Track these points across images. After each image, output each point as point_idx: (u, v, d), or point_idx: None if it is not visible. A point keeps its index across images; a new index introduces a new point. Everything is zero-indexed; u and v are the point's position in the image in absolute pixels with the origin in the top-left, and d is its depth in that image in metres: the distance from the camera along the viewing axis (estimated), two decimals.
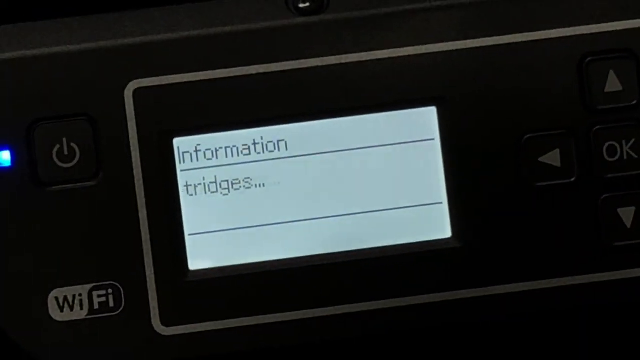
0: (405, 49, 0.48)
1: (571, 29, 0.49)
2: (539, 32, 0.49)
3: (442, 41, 0.48)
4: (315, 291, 0.50)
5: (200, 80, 0.48)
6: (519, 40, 0.49)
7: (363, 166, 0.49)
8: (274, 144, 0.48)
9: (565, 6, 0.50)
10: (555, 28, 0.49)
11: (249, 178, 0.49)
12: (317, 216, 0.49)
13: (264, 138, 0.49)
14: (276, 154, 0.48)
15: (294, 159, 0.49)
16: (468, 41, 0.48)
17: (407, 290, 0.49)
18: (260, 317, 0.49)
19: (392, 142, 0.49)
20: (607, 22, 0.49)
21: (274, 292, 0.49)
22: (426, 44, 0.48)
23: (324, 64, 0.48)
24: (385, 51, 0.48)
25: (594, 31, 0.49)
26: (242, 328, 0.49)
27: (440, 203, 0.48)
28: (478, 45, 0.49)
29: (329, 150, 0.49)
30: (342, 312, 0.49)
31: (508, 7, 0.50)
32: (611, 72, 0.48)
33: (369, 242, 0.49)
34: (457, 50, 0.49)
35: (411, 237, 0.49)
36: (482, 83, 0.49)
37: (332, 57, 0.48)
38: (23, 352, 0.49)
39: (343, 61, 0.49)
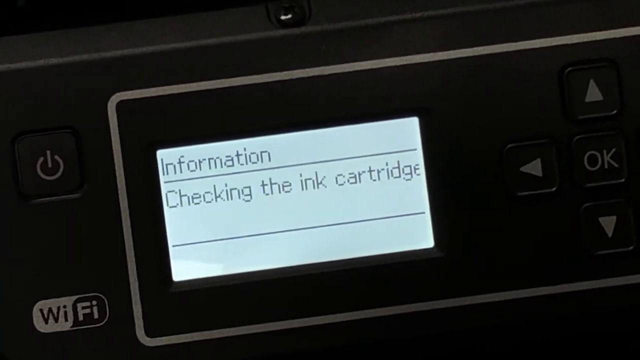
0: (386, 60, 0.48)
1: (551, 39, 0.49)
2: (520, 43, 0.49)
3: (423, 52, 0.49)
4: (300, 301, 0.50)
5: (184, 93, 0.48)
6: (500, 50, 0.49)
7: (346, 177, 0.49)
8: (257, 155, 0.49)
9: (545, 16, 0.50)
10: (535, 38, 0.49)
11: (232, 189, 0.49)
12: (301, 227, 0.49)
13: (247, 149, 0.49)
14: (259, 165, 0.49)
15: (277, 170, 0.49)
16: (449, 52, 0.49)
17: (390, 300, 0.49)
18: (245, 327, 0.49)
19: (374, 153, 0.49)
20: (586, 32, 0.50)
21: (258, 303, 0.50)
22: (407, 55, 0.48)
23: (307, 75, 0.48)
24: (367, 62, 0.48)
25: (574, 41, 0.50)
26: (227, 339, 0.49)
27: (423, 213, 0.49)
28: (459, 56, 0.49)
29: (312, 161, 0.49)
30: (326, 322, 0.49)
31: (488, 18, 0.50)
32: (591, 82, 0.49)
33: (353, 252, 0.49)
34: (438, 61, 0.49)
35: (394, 247, 0.49)
36: (463, 93, 0.49)
37: (315, 69, 0.48)
38: None
39: (325, 73, 0.49)
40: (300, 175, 0.50)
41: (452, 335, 0.51)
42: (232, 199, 0.49)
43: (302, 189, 0.50)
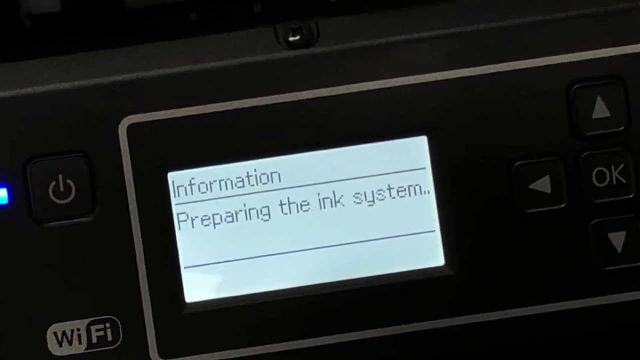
0: (394, 79, 0.49)
1: (558, 56, 0.49)
2: (526, 61, 0.49)
3: (430, 71, 0.49)
4: (312, 320, 0.50)
5: (194, 115, 0.49)
6: (507, 69, 0.49)
7: (356, 196, 0.50)
8: (268, 176, 0.49)
9: (551, 34, 0.50)
10: (542, 56, 0.50)
11: (243, 210, 0.49)
12: (312, 247, 0.49)
13: (257, 170, 0.49)
14: (270, 185, 0.49)
15: (288, 190, 0.49)
16: (456, 71, 0.49)
17: (402, 318, 0.49)
18: (257, 347, 0.49)
19: (384, 172, 0.49)
20: (593, 49, 0.50)
21: (270, 323, 0.50)
22: (415, 74, 0.49)
23: (315, 96, 0.49)
24: (375, 82, 0.49)
25: (580, 58, 0.50)
26: (239, 359, 0.50)
27: (433, 231, 0.49)
28: (466, 74, 0.49)
29: (322, 181, 0.49)
30: (338, 340, 0.50)
31: (494, 37, 0.51)
32: (598, 99, 0.49)
33: (364, 271, 0.49)
34: (445, 80, 0.49)
35: (405, 265, 0.49)
36: (471, 112, 0.49)
37: (323, 90, 0.49)
38: None
39: (334, 93, 0.49)
40: (311, 195, 0.50)
41: (463, 353, 0.51)
42: (243, 220, 0.49)
43: (313, 209, 0.50)
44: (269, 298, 0.50)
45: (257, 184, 0.49)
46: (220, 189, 0.49)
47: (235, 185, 0.49)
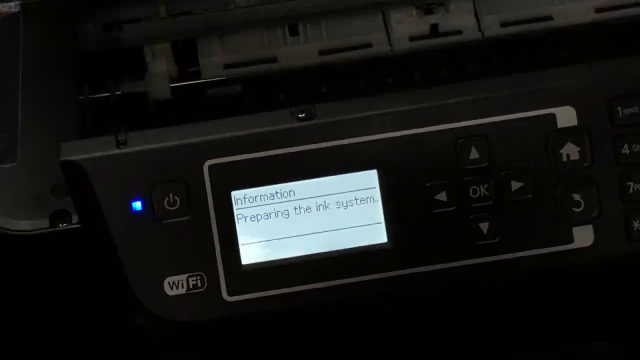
0: (360, 137, 0.63)
1: (451, 124, 0.63)
2: (433, 127, 0.63)
3: (380, 133, 0.63)
4: (317, 273, 0.63)
5: (247, 159, 0.62)
6: (424, 131, 0.63)
7: (337, 203, 0.64)
8: (287, 192, 0.63)
9: (447, 110, 0.63)
10: (442, 124, 0.63)
11: (273, 212, 0.64)
12: (312, 232, 0.64)
13: (281, 189, 0.63)
14: (289, 197, 0.63)
15: (297, 201, 0.64)
16: (396, 132, 0.63)
17: (361, 273, 0.63)
18: (287, 289, 0.63)
19: (353, 189, 0.64)
20: (469, 119, 0.63)
21: (293, 275, 0.63)
22: (370, 134, 0.63)
23: (316, 147, 0.63)
24: (348, 138, 0.63)
25: (464, 125, 0.63)
26: (277, 295, 0.63)
27: (380, 223, 0.63)
28: (402, 134, 0.63)
29: (319, 194, 0.63)
30: (342, 283, 0.63)
31: (420, 113, 0.63)
32: (473, 148, 0.63)
33: (344, 245, 0.63)
34: (387, 138, 0.63)
35: (363, 242, 0.63)
36: (402, 155, 0.63)
37: (320, 143, 0.63)
38: (151, 313, 0.63)
39: (323, 146, 0.63)
40: (314, 202, 0.64)
41: (399, 293, 0.65)
42: (273, 217, 0.64)
43: (315, 210, 0.65)
44: (289, 262, 0.63)
45: (280, 198, 0.63)
46: (262, 200, 0.63)
47: (268, 197, 0.63)
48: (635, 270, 0.68)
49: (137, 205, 0.62)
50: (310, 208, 0.65)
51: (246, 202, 0.64)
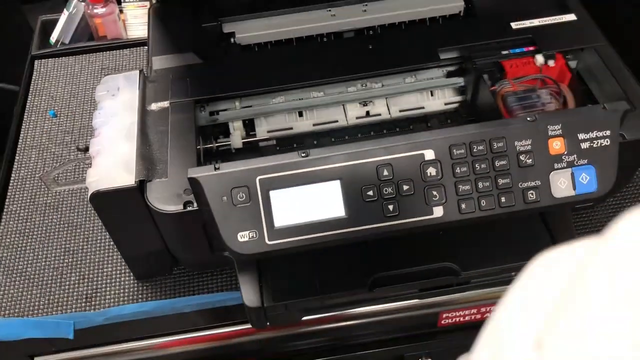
0: (330, 165, 0.60)
1: (375, 158, 0.60)
2: (368, 159, 0.60)
3: (341, 162, 0.60)
4: (314, 230, 0.60)
5: (278, 175, 0.60)
6: (365, 161, 0.60)
7: (317, 199, 0.60)
8: (302, 193, 0.61)
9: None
10: (372, 158, 0.60)
11: (294, 202, 0.60)
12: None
13: (297, 191, 0.61)
14: (301, 194, 0.61)
15: (306, 196, 0.61)
16: (350, 162, 0.59)
17: (332, 229, 0.60)
18: (296, 237, 0.60)
19: (326, 191, 0.60)
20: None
21: (301, 230, 0.60)
22: (336, 163, 0.60)
23: (310, 170, 0.61)
24: (325, 166, 0.61)
25: (379, 159, 0.61)
26: (293, 240, 0.60)
27: (341, 205, 0.60)
28: (353, 163, 0.60)
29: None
30: (323, 234, 0.60)
31: (365, 151, 0.60)
32: (385, 170, 0.60)
33: (324, 216, 0.61)
34: (346, 165, 0.60)
35: (334, 214, 0.60)
36: (353, 174, 0.60)
37: (313, 168, 0.60)
38: (231, 250, 0.59)
39: (315, 169, 0.61)
40: (310, 197, 0.61)
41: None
42: (292, 206, 0.61)
43: (310, 201, 0.61)
44: (297, 225, 0.60)
45: (296, 195, 0.60)
46: (285, 195, 0.60)
47: (288, 195, 0.60)
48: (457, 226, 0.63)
49: (224, 198, 0.60)
50: (309, 199, 0.62)
51: (277, 197, 0.61)
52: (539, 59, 0.73)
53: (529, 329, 0.25)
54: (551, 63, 0.73)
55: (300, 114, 0.78)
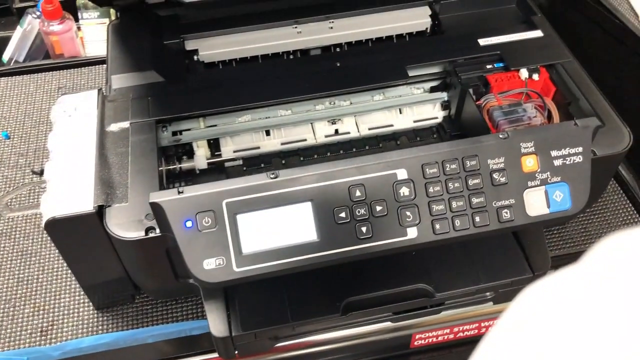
0: (300, 186, 0.58)
1: (346, 179, 0.58)
2: (340, 180, 0.58)
3: (311, 183, 0.58)
4: (283, 256, 0.57)
5: (245, 198, 0.57)
6: (336, 182, 0.58)
7: (287, 221, 0.58)
8: (270, 216, 0.58)
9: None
10: (343, 178, 0.58)
11: (261, 226, 0.57)
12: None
13: (266, 214, 0.58)
14: (269, 218, 0.58)
15: (275, 220, 0.58)
16: (321, 183, 0.58)
17: (304, 253, 0.58)
18: (265, 264, 0.57)
19: (297, 213, 0.58)
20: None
21: (270, 256, 0.58)
22: (306, 184, 0.58)
23: (279, 192, 0.58)
24: (295, 187, 0.58)
25: (352, 179, 0.59)
26: (261, 267, 0.58)
27: (313, 228, 0.58)
28: (325, 184, 0.58)
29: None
30: (294, 259, 0.57)
31: (336, 171, 0.58)
32: (357, 190, 0.59)
33: (295, 241, 0.58)
34: (318, 185, 0.58)
35: (310, 239, 0.58)
36: (325, 195, 0.58)
37: (282, 190, 0.58)
38: (196, 278, 0.56)
39: (284, 191, 0.58)
40: (281, 218, 0.59)
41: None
42: (259, 230, 0.58)
43: (279, 223, 0.59)
44: (266, 251, 0.57)
45: (264, 218, 0.58)
46: (252, 220, 0.58)
47: (255, 219, 0.58)
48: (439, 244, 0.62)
49: (189, 223, 0.58)
50: (279, 223, 0.60)
51: (245, 221, 0.59)
52: (524, 72, 0.72)
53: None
54: (535, 77, 0.72)
55: (268, 133, 0.76)
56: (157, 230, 0.59)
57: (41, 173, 0.67)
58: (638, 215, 0.87)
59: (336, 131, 0.78)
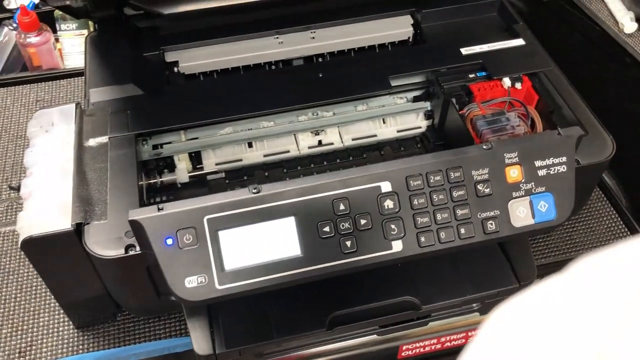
0: (283, 201, 0.57)
1: (330, 192, 0.58)
2: (323, 193, 0.57)
3: (294, 198, 0.57)
4: (267, 272, 0.56)
5: (227, 214, 0.56)
6: (320, 195, 0.57)
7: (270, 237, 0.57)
8: (252, 231, 0.57)
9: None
10: (327, 192, 0.58)
11: (244, 241, 0.56)
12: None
13: (248, 229, 0.56)
14: (251, 233, 0.57)
15: (257, 236, 0.57)
16: (304, 197, 0.57)
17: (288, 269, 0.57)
18: (248, 281, 0.56)
19: (280, 228, 0.57)
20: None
21: (253, 273, 0.56)
22: (289, 199, 0.57)
23: (262, 207, 0.57)
24: (278, 202, 0.57)
25: (335, 192, 0.58)
26: (243, 284, 0.56)
27: (296, 244, 0.57)
28: (307, 198, 0.57)
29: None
30: (278, 276, 0.56)
31: (320, 185, 0.57)
32: (341, 204, 0.58)
33: (279, 256, 0.57)
34: (301, 200, 0.57)
35: (289, 255, 0.57)
36: (308, 209, 0.57)
37: (265, 205, 0.57)
38: (177, 296, 0.55)
39: (267, 205, 0.57)
40: (262, 234, 0.58)
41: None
42: (241, 246, 0.57)
43: (261, 239, 0.58)
44: (249, 267, 0.56)
45: (246, 234, 0.57)
46: (234, 236, 0.57)
47: (238, 235, 0.57)
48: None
49: (169, 241, 0.57)
50: (262, 238, 0.59)
51: (227, 238, 0.58)
52: (506, 81, 0.72)
53: None
54: (518, 85, 0.72)
55: (250, 145, 0.76)
56: (137, 248, 0.57)
57: (18, 189, 0.67)
58: (622, 222, 0.86)
59: (319, 142, 0.77)
